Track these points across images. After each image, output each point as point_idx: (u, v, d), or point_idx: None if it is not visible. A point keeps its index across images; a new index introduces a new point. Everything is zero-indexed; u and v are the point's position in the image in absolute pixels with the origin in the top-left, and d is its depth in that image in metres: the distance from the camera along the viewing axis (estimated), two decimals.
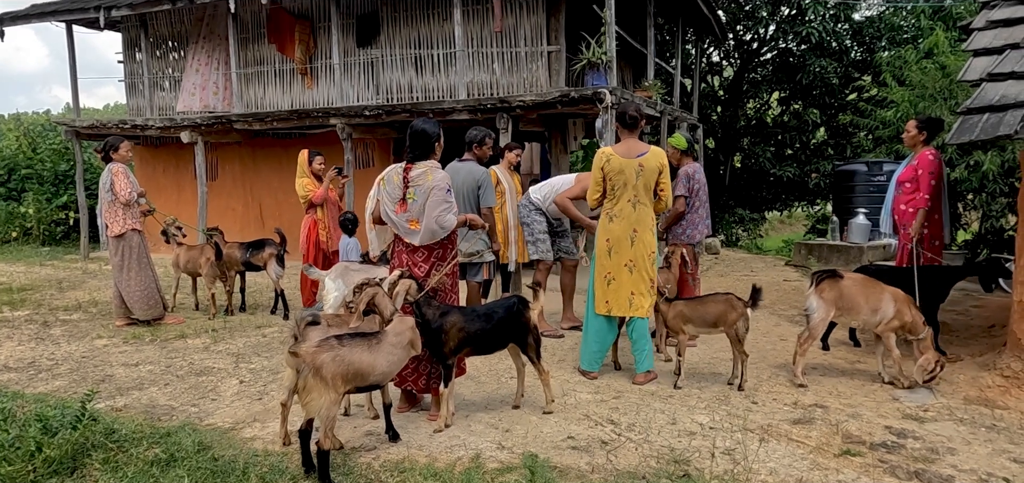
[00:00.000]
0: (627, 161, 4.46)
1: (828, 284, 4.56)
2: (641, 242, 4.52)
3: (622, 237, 4.52)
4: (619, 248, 4.54)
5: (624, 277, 4.55)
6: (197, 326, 6.41)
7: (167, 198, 12.08)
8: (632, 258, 4.53)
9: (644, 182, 4.46)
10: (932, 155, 5.26)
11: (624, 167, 4.46)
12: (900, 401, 4.24)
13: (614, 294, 4.58)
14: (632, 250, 4.52)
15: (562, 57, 8.87)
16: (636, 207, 4.50)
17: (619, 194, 4.50)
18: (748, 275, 9.25)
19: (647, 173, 4.46)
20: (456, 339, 3.83)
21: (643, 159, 4.46)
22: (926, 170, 5.22)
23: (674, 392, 4.44)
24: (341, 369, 3.15)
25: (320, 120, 9.58)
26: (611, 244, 4.57)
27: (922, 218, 5.20)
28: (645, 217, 4.52)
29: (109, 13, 10.37)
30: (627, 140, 4.56)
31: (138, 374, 4.98)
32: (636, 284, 4.55)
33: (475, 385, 4.63)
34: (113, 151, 6.39)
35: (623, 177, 4.46)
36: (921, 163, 5.27)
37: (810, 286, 4.61)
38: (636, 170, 4.45)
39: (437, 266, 3.97)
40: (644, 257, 4.53)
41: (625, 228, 4.51)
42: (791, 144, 15.22)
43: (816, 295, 4.56)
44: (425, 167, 3.89)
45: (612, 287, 4.59)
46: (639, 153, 4.48)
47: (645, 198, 4.50)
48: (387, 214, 3.99)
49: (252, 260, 6.81)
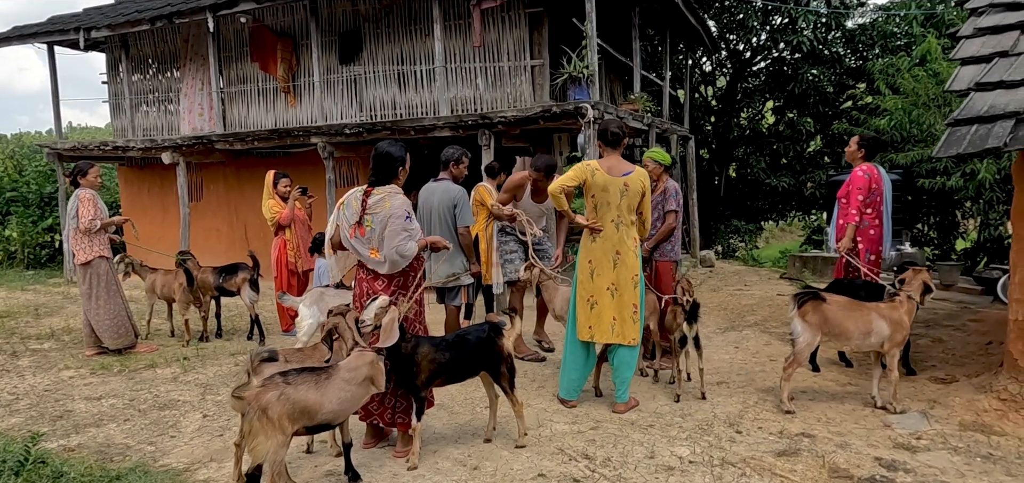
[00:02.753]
0: (612, 179, 4.21)
1: (811, 307, 4.33)
2: (624, 265, 4.28)
3: (603, 259, 4.29)
4: (601, 270, 4.31)
5: (606, 301, 4.31)
6: (169, 354, 6.21)
7: (152, 219, 11.92)
8: (614, 281, 4.29)
9: (628, 203, 4.25)
10: (862, 171, 5.47)
11: (609, 185, 4.21)
12: (892, 428, 4.03)
13: (597, 319, 4.34)
14: (615, 273, 4.29)
15: (546, 71, 8.72)
16: (619, 228, 4.27)
17: (602, 213, 4.28)
18: (741, 290, 9.05)
19: (631, 194, 4.24)
20: (428, 371, 3.65)
21: (628, 179, 4.24)
22: (854, 186, 5.44)
23: (655, 420, 4.24)
24: (287, 408, 2.95)
25: (301, 139, 9.42)
26: (593, 265, 4.33)
27: (851, 233, 5.38)
28: (628, 239, 4.29)
29: (89, 34, 10.25)
30: (610, 157, 4.31)
31: (98, 409, 4.78)
32: (619, 309, 4.31)
33: (448, 415, 4.42)
34: (81, 176, 6.22)
35: (607, 196, 4.23)
36: (851, 180, 5.50)
37: (792, 308, 4.39)
38: (621, 189, 4.22)
39: (398, 294, 3.78)
40: (627, 281, 4.29)
41: (607, 250, 4.29)
42: (786, 153, 15.06)
43: (799, 319, 4.33)
44: (383, 193, 3.71)
45: (595, 311, 4.35)
46: (624, 172, 4.26)
47: (628, 218, 4.28)
48: (346, 239, 3.80)
49: (225, 285, 6.62)
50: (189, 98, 10.87)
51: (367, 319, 3.38)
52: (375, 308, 3.40)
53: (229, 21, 10.19)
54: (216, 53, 10.09)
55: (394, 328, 3.41)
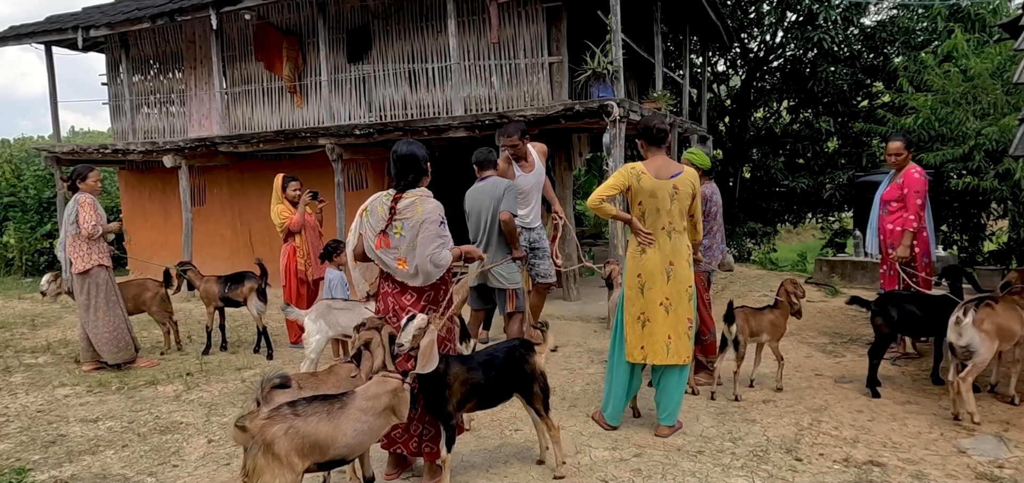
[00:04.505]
0: (660, 182, 3.80)
1: (986, 314, 3.95)
2: (677, 278, 3.86)
3: (656, 271, 3.86)
4: (653, 284, 3.87)
5: (660, 318, 3.88)
6: (172, 369, 5.85)
7: (154, 225, 11.57)
8: (668, 296, 3.87)
9: (679, 207, 3.83)
10: (918, 173, 5.19)
11: (657, 189, 3.79)
12: (968, 454, 3.66)
13: (649, 338, 3.90)
14: (668, 286, 3.86)
15: (564, 68, 8.35)
16: (672, 236, 3.85)
17: (651, 221, 3.84)
18: (766, 296, 8.65)
19: (682, 197, 3.82)
20: (460, 393, 3.28)
21: (677, 180, 3.82)
22: (912, 189, 5.15)
23: (704, 445, 3.87)
24: (296, 443, 2.59)
25: (308, 140, 9.05)
26: (644, 279, 3.89)
27: (909, 240, 5.14)
28: (681, 248, 3.88)
29: (87, 33, 9.89)
30: (655, 158, 3.89)
31: (95, 433, 4.41)
32: (674, 326, 3.89)
33: (475, 440, 4.05)
34: (80, 180, 5.85)
35: (655, 201, 3.80)
36: (908, 182, 5.21)
37: (964, 315, 3.97)
38: (671, 193, 3.80)
39: (429, 310, 3.41)
40: (681, 294, 3.88)
41: (660, 261, 3.85)
42: (803, 154, 14.66)
43: (975, 329, 3.93)
44: (414, 196, 3.34)
45: (647, 330, 3.91)
46: (673, 173, 3.83)
47: (680, 225, 3.87)
48: (370, 249, 3.44)
49: (231, 295, 6.25)
50: (198, 102, 10.52)
51: (404, 342, 3.01)
52: (413, 329, 3.02)
53: (233, 19, 9.84)
54: (220, 52, 9.72)
55: (433, 351, 3.04)
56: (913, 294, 4.79)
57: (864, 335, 6.33)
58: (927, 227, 5.35)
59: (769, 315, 4.72)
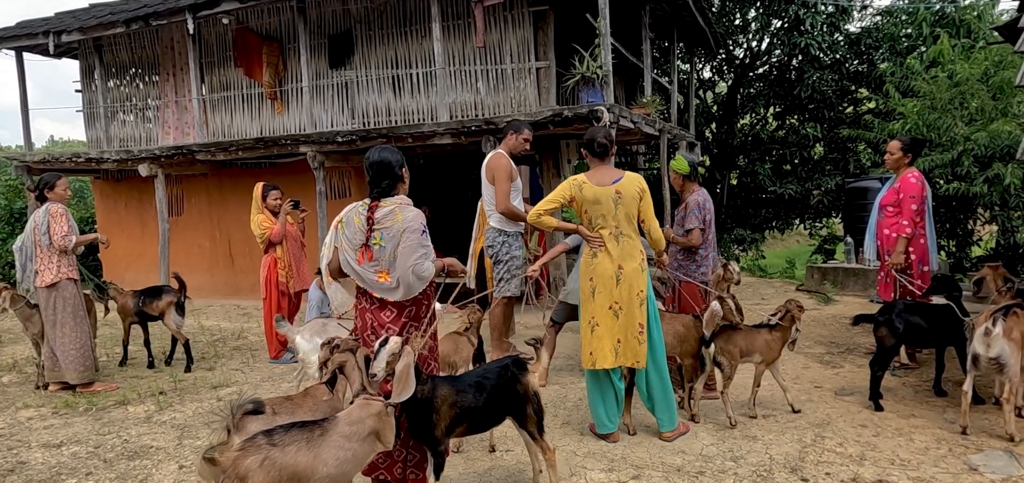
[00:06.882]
0: (602, 189, 3.89)
1: (1016, 322, 3.76)
2: (627, 281, 3.88)
3: (606, 275, 3.90)
4: (603, 287, 3.91)
5: (608, 322, 3.91)
6: (144, 388, 5.57)
7: (130, 236, 11.23)
8: (617, 299, 3.90)
9: (625, 212, 3.89)
10: (915, 178, 5.06)
11: (600, 196, 3.88)
12: (979, 472, 3.50)
13: (598, 343, 3.93)
14: (618, 290, 3.89)
15: (552, 73, 8.19)
16: (619, 240, 3.91)
17: (598, 228, 3.92)
18: (759, 304, 8.53)
19: (627, 201, 3.87)
20: (449, 417, 3.07)
21: (619, 185, 3.89)
22: (908, 194, 5.02)
23: (704, 466, 3.68)
24: (272, 476, 2.37)
25: (289, 148, 8.80)
26: (594, 283, 3.95)
27: (904, 245, 5.03)
28: (632, 251, 3.91)
29: (59, 38, 9.58)
30: (598, 169, 4.00)
31: (57, 460, 4.14)
32: (623, 330, 3.90)
33: (464, 462, 3.84)
34: (48, 189, 5.58)
35: (600, 208, 3.88)
36: (904, 187, 5.08)
37: (993, 325, 3.77)
38: (614, 198, 3.88)
39: (411, 326, 3.20)
40: (632, 298, 3.89)
41: (610, 265, 3.89)
42: (790, 160, 14.63)
43: (1006, 339, 3.74)
44: (393, 204, 3.14)
45: (596, 334, 3.94)
46: (614, 179, 3.91)
47: (628, 229, 3.92)
48: (348, 264, 3.21)
49: (145, 309, 6.09)
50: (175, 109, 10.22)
51: (377, 371, 2.79)
52: (386, 355, 2.80)
53: (211, 24, 9.58)
54: (197, 57, 9.45)
55: (410, 377, 2.82)
56: (916, 304, 4.64)
57: (861, 344, 6.20)
58: (926, 234, 5.22)
59: (765, 335, 4.32)
